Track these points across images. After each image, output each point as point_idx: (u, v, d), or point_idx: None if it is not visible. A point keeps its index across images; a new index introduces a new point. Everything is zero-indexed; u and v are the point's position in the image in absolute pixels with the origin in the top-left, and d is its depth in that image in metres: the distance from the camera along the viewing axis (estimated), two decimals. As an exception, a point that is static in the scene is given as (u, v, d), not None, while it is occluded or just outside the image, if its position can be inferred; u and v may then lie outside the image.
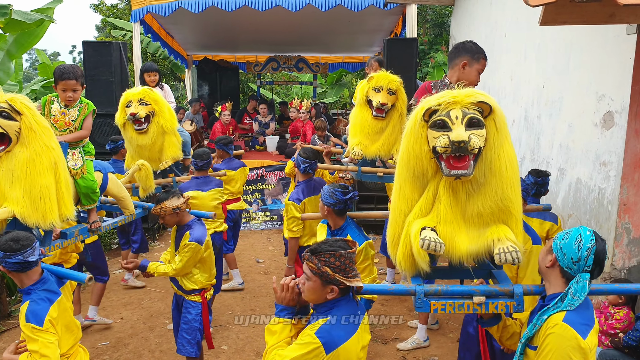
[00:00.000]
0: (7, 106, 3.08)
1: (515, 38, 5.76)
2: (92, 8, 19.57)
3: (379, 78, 4.77)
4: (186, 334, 4.02)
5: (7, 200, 3.12)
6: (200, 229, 4.04)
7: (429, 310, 2.49)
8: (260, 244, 8.16)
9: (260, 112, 10.97)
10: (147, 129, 5.18)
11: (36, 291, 2.82)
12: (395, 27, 10.69)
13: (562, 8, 2.81)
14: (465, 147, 2.26)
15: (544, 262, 2.33)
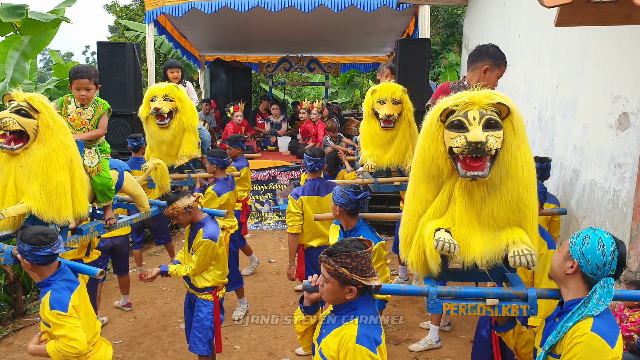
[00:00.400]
0: (26, 104, 3.19)
1: (529, 39, 5.73)
2: (106, 9, 19.75)
3: (382, 90, 4.84)
4: (198, 332, 4.08)
5: (24, 196, 3.23)
6: (213, 226, 4.10)
7: (442, 311, 2.47)
8: (272, 244, 8.18)
9: (272, 112, 10.99)
10: (168, 125, 5.29)
11: (56, 281, 2.96)
12: (407, 27, 10.68)
13: (578, 9, 2.79)
14: (482, 148, 2.24)
15: (562, 269, 2.27)
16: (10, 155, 3.23)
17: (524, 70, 5.86)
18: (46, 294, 2.90)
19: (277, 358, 4.80)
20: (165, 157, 5.45)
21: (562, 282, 2.31)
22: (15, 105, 3.20)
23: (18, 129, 3.16)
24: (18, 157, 3.23)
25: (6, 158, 3.26)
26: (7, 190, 3.24)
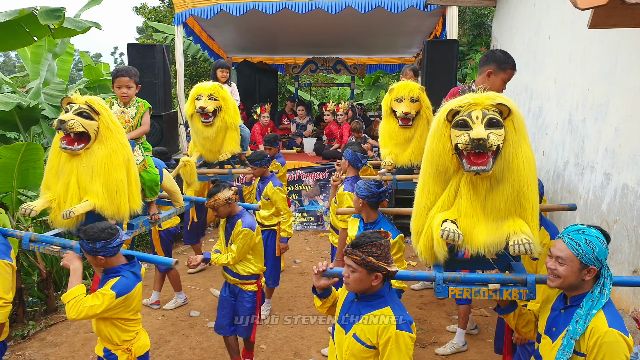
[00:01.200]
0: (87, 107, 3.35)
1: (560, 40, 5.65)
2: (135, 11, 20.03)
3: (399, 88, 4.90)
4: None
5: (87, 194, 3.38)
6: (250, 217, 4.34)
7: (448, 295, 2.73)
8: (298, 244, 8.22)
9: (298, 113, 11.03)
10: (212, 123, 5.51)
11: (126, 270, 3.15)
12: (435, 28, 10.62)
13: (613, 10, 2.75)
14: (484, 144, 2.46)
15: (579, 278, 2.37)
16: (71, 156, 3.38)
17: (554, 72, 5.79)
18: (115, 277, 3.09)
19: (303, 358, 4.83)
20: (208, 153, 5.75)
21: (579, 287, 2.43)
22: (77, 107, 3.34)
23: (81, 131, 3.31)
24: (79, 157, 3.38)
25: (66, 158, 3.40)
26: (70, 188, 3.38)
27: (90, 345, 5.10)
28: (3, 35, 4.41)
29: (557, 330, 2.46)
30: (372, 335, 2.51)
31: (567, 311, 2.44)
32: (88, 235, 3.03)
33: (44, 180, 3.51)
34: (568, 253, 2.35)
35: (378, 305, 2.56)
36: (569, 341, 2.31)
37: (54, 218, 3.44)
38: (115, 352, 3.23)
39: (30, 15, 4.26)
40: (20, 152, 5.26)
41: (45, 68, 8.23)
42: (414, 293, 6.22)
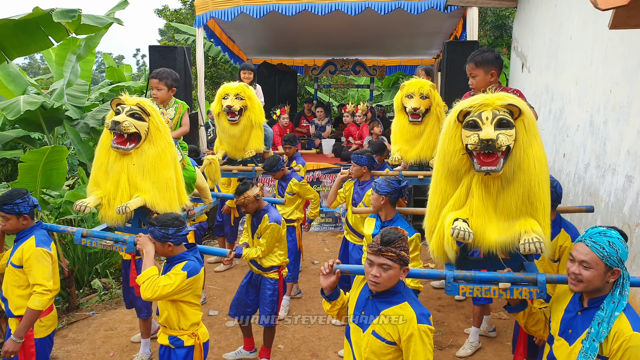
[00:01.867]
0: (138, 108, 3.49)
1: (581, 41, 5.59)
2: (157, 13, 20.28)
3: (410, 85, 5.01)
4: (267, 308, 4.54)
5: (138, 191, 3.54)
6: (275, 211, 4.58)
7: (458, 293, 2.73)
8: (316, 245, 8.24)
9: (316, 115, 11.06)
10: (238, 121, 5.65)
11: (190, 256, 3.30)
12: (455, 29, 10.57)
13: (634, 11, 2.72)
14: (493, 145, 2.49)
15: (603, 281, 2.35)
16: (121, 155, 3.53)
17: (575, 73, 5.72)
18: (182, 262, 3.24)
19: (320, 359, 4.84)
20: (234, 150, 5.90)
21: (601, 290, 2.40)
22: (129, 109, 3.48)
23: (134, 132, 3.46)
24: (130, 156, 3.53)
25: (116, 157, 3.55)
26: (120, 186, 3.53)
27: (111, 342, 5.18)
28: (24, 40, 4.53)
29: (574, 332, 2.43)
30: (393, 331, 2.52)
31: (585, 313, 2.41)
32: (161, 223, 3.20)
33: (92, 178, 3.64)
34: (593, 256, 2.31)
35: (396, 301, 2.57)
36: (591, 344, 2.29)
37: (104, 214, 3.59)
38: (182, 337, 3.35)
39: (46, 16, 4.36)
40: (45, 155, 5.37)
41: (69, 70, 8.39)
42: (432, 295, 6.20)
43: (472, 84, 3.99)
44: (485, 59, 3.93)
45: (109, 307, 6.08)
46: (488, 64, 3.93)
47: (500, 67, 4.00)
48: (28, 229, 3.56)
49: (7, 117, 7.09)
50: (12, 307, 3.52)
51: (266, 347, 4.68)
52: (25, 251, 3.45)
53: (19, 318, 3.47)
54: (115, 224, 3.67)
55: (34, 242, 3.47)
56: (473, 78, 3.97)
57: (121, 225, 3.68)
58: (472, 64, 3.97)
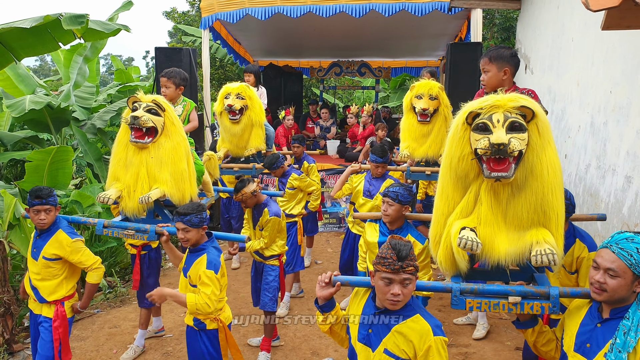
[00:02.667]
0: (154, 104, 3.70)
1: (583, 42, 5.61)
2: (165, 15, 20.43)
3: (420, 86, 5.21)
4: (268, 292, 4.77)
5: (157, 182, 3.76)
6: (274, 204, 4.78)
7: (465, 307, 2.56)
8: (319, 245, 8.28)
9: (321, 116, 11.12)
10: (239, 120, 5.82)
11: (209, 247, 3.48)
12: (460, 31, 10.58)
13: (626, 12, 2.73)
14: (504, 149, 2.32)
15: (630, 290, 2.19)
16: (140, 149, 3.73)
17: (576, 74, 5.74)
18: (202, 256, 3.40)
19: (320, 357, 4.88)
20: (235, 148, 6.05)
21: (625, 300, 2.23)
22: (146, 105, 3.70)
23: (151, 126, 3.67)
24: (147, 150, 3.74)
25: (135, 151, 3.75)
26: (140, 178, 3.74)
27: (115, 340, 5.26)
28: (32, 42, 4.65)
29: (593, 346, 2.25)
30: (408, 347, 2.35)
31: (606, 325, 2.24)
32: (195, 209, 3.40)
33: (111, 172, 3.84)
34: (620, 264, 2.15)
35: (407, 314, 2.40)
36: (617, 355, 2.12)
37: (125, 205, 3.79)
38: (205, 321, 3.49)
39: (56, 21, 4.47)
40: (51, 155, 5.47)
41: (75, 71, 8.49)
42: (434, 295, 6.21)
43: (484, 80, 3.85)
44: (500, 55, 3.78)
45: (113, 305, 6.16)
46: (502, 61, 3.75)
47: (516, 66, 3.83)
48: (52, 223, 3.82)
49: (12, 114, 7.24)
50: (46, 293, 3.82)
51: (266, 336, 4.82)
52: (64, 247, 3.77)
53: (52, 302, 3.85)
54: (134, 215, 3.84)
55: (66, 236, 3.79)
56: (485, 74, 3.82)
57: (141, 215, 3.87)
58: (486, 58, 3.82)
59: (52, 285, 3.82)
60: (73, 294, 3.99)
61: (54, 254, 3.77)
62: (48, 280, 3.81)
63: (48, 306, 3.86)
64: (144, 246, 4.90)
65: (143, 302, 4.95)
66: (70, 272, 3.93)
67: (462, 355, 4.89)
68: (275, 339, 5.04)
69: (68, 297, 3.93)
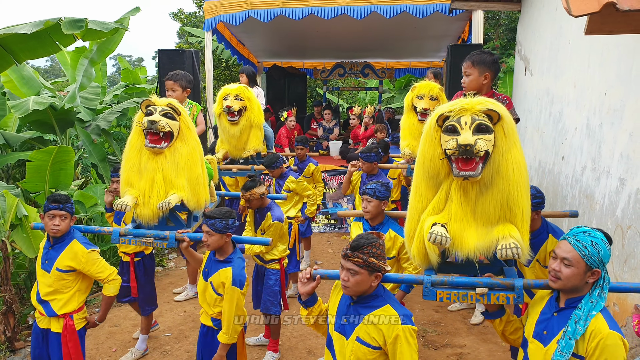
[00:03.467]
0: (170, 108, 3.61)
1: (579, 44, 5.62)
2: (171, 16, 20.55)
3: (421, 87, 5.37)
4: (269, 296, 4.79)
5: (173, 188, 3.67)
6: (278, 209, 4.79)
7: (435, 298, 2.73)
8: (320, 246, 8.34)
9: (324, 117, 11.17)
10: (238, 121, 5.86)
11: (235, 259, 3.50)
12: (462, 32, 10.60)
13: (607, 17, 2.78)
14: (471, 150, 2.47)
15: (583, 281, 2.35)
16: (154, 154, 3.64)
17: (573, 76, 5.76)
18: (226, 267, 3.44)
19: (316, 356, 4.94)
20: (234, 150, 6.09)
21: (579, 291, 2.39)
22: (161, 109, 3.60)
23: (168, 131, 3.59)
24: (163, 155, 3.64)
25: (149, 156, 3.64)
26: (155, 184, 3.63)
27: (114, 338, 5.34)
28: (33, 45, 4.72)
29: (549, 333, 2.42)
30: (378, 335, 2.52)
31: (561, 314, 2.40)
32: (222, 215, 3.40)
33: (124, 178, 3.71)
34: (574, 255, 2.32)
35: (377, 304, 2.58)
36: (567, 342, 2.28)
37: (139, 212, 3.67)
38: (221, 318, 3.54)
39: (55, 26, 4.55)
40: (52, 155, 5.55)
41: (80, 73, 8.59)
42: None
43: (465, 83, 3.98)
44: (483, 60, 3.91)
45: (114, 305, 6.24)
46: (484, 65, 3.89)
47: (496, 72, 3.99)
48: (66, 233, 3.69)
49: (16, 114, 7.36)
50: (57, 307, 3.69)
51: (272, 338, 4.89)
52: (79, 258, 3.64)
53: (62, 316, 3.71)
54: (149, 222, 3.71)
55: (81, 246, 3.66)
56: (467, 77, 3.95)
57: (156, 222, 3.72)
58: (469, 62, 3.95)
59: (64, 298, 3.69)
60: (82, 307, 3.87)
61: (69, 265, 3.63)
62: (61, 293, 3.68)
63: (57, 320, 3.73)
64: (137, 253, 4.89)
65: (145, 310, 4.98)
66: (84, 285, 3.81)
67: (457, 356, 4.93)
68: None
69: (77, 311, 3.79)
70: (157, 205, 3.57)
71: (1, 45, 4.55)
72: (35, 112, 7.37)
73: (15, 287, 6.08)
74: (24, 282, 6.28)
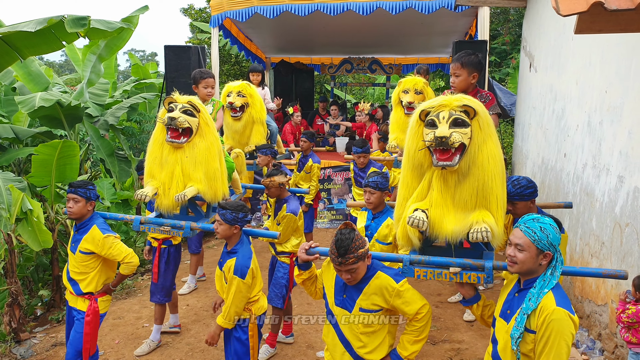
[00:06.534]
0: (189, 106, 3.86)
1: (582, 41, 5.60)
2: (182, 12, 20.62)
3: (406, 82, 5.57)
4: (275, 288, 4.85)
5: (191, 181, 3.92)
6: (295, 202, 4.84)
7: (413, 275, 2.98)
8: (325, 241, 8.37)
9: (331, 113, 11.20)
10: (240, 117, 6.04)
11: (239, 250, 3.63)
12: (469, 28, 10.54)
13: (597, 17, 2.80)
14: (446, 142, 2.69)
15: (536, 264, 2.50)
16: (175, 148, 3.89)
17: (575, 73, 5.75)
18: (232, 258, 3.60)
19: (315, 350, 5.00)
20: (238, 145, 6.21)
21: (534, 273, 2.55)
22: (182, 106, 3.84)
23: (187, 127, 3.82)
24: (182, 150, 3.90)
25: (170, 150, 3.91)
26: (174, 176, 3.90)
27: (117, 330, 5.44)
28: (37, 42, 4.82)
29: (511, 312, 2.59)
30: (379, 299, 2.89)
31: (521, 294, 2.57)
32: (233, 207, 3.54)
33: (147, 170, 3.99)
34: (525, 240, 2.47)
35: (370, 274, 2.91)
36: (521, 317, 2.46)
37: (160, 202, 3.94)
38: None
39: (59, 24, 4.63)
40: (58, 149, 5.65)
41: (89, 69, 8.70)
42: (432, 292, 6.29)
43: (454, 83, 4.19)
44: (471, 61, 4.15)
45: (118, 297, 6.35)
46: (472, 67, 4.13)
47: (481, 71, 4.27)
48: (88, 218, 3.93)
49: (23, 110, 7.49)
50: (83, 286, 3.95)
51: (272, 332, 4.95)
52: (97, 244, 3.86)
53: (87, 295, 3.96)
54: (168, 212, 3.99)
55: (99, 232, 3.87)
56: (456, 77, 4.17)
57: (175, 211, 4.02)
58: (458, 63, 4.18)
59: (88, 278, 3.93)
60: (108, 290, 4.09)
61: (88, 248, 3.87)
62: (84, 274, 3.93)
63: (83, 300, 3.97)
64: (164, 240, 5.05)
65: (155, 297, 5.07)
66: (105, 267, 4.02)
67: (455, 351, 4.96)
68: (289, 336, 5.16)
69: (102, 294, 4.03)
70: (174, 197, 3.81)
71: (5, 42, 4.65)
72: (42, 108, 7.49)
73: (24, 280, 6.22)
74: (30, 275, 6.42)
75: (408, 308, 2.89)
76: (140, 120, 10.25)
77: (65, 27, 4.50)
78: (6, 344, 5.12)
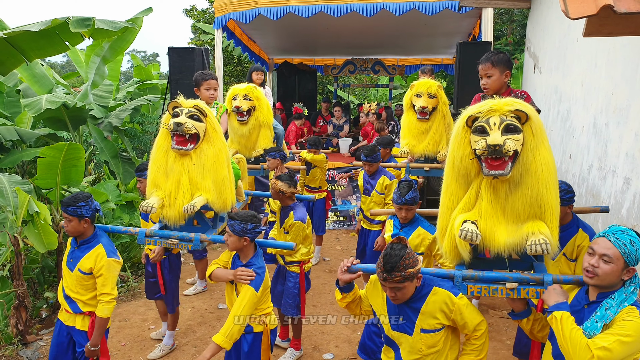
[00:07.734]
0: (196, 110, 3.59)
1: (587, 43, 5.60)
2: (184, 13, 20.64)
3: (419, 85, 5.39)
4: (288, 298, 4.75)
5: (199, 190, 3.67)
6: (302, 209, 4.72)
7: (466, 292, 2.81)
8: (329, 243, 8.38)
9: (334, 114, 11.20)
10: (247, 121, 5.89)
11: (254, 264, 3.48)
12: (473, 29, 10.54)
13: (606, 19, 2.78)
14: (500, 150, 2.55)
15: (618, 277, 2.38)
16: (181, 155, 3.63)
17: (581, 75, 5.74)
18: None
19: (321, 352, 5.00)
20: (244, 149, 6.08)
21: (613, 287, 2.42)
22: (188, 111, 3.57)
23: (194, 132, 3.57)
24: (189, 156, 3.64)
25: (175, 157, 3.64)
26: (181, 185, 3.63)
27: (124, 333, 5.44)
28: (42, 44, 4.83)
29: (579, 324, 2.44)
30: (441, 316, 2.72)
31: (592, 306, 2.45)
32: (242, 218, 3.38)
33: (151, 179, 3.71)
34: (615, 252, 2.35)
35: (426, 292, 2.77)
36: (593, 324, 2.34)
37: (165, 213, 3.67)
38: (252, 324, 3.54)
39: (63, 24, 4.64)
40: (63, 152, 5.65)
41: (92, 71, 8.71)
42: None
43: (487, 84, 3.98)
44: (501, 59, 3.96)
45: (124, 299, 6.35)
46: (504, 65, 3.94)
47: (511, 69, 4.08)
48: (92, 235, 3.66)
49: (29, 113, 7.50)
50: (81, 304, 3.68)
51: (295, 337, 4.93)
52: (98, 262, 3.58)
53: (86, 313, 3.69)
54: (174, 223, 3.70)
55: (104, 252, 3.60)
56: (488, 78, 3.96)
57: (180, 223, 3.71)
58: (488, 63, 3.97)
59: (86, 298, 3.66)
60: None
61: (90, 268, 3.60)
62: (82, 294, 3.66)
63: (82, 318, 3.70)
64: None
65: (170, 308, 5.03)
66: None
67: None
68: (285, 340, 5.15)
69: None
70: (183, 208, 3.56)
71: (11, 44, 4.65)
72: (47, 110, 7.50)
73: (29, 282, 6.22)
74: (36, 277, 6.42)
75: (467, 324, 2.74)
76: (142, 122, 10.26)
77: (70, 27, 4.49)
78: (13, 346, 5.12)
